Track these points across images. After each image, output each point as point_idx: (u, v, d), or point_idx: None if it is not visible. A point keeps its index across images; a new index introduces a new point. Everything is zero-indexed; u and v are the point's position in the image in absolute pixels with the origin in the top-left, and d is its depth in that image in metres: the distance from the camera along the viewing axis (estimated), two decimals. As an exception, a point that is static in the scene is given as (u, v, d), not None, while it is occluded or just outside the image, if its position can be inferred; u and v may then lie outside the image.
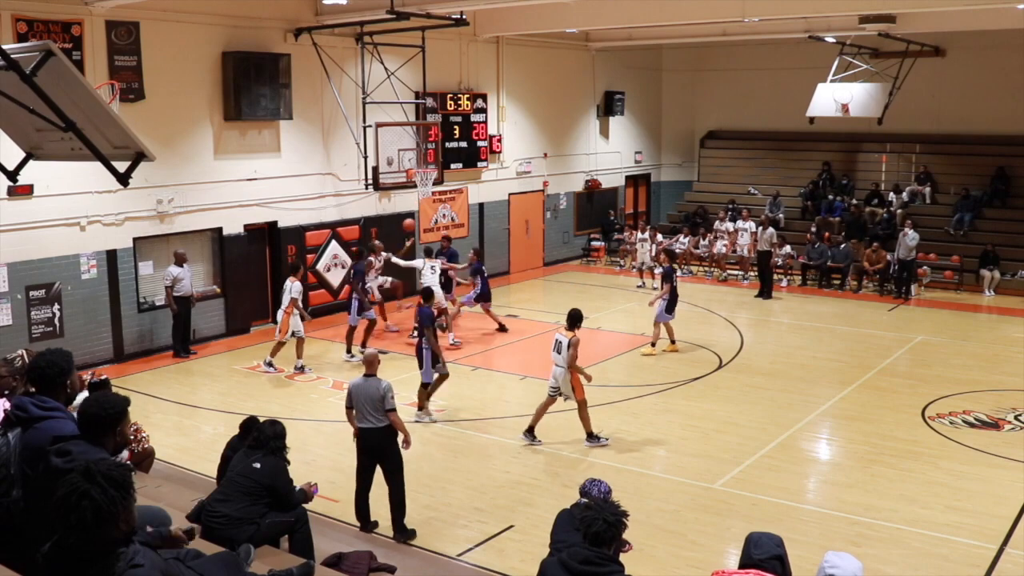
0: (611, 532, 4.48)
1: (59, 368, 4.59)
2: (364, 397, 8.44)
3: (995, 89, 22.20)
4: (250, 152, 16.38)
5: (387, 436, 8.43)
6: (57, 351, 4.73)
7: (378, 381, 8.48)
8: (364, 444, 8.54)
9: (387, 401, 8.36)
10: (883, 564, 7.88)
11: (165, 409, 12.44)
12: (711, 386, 13.40)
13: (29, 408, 4.43)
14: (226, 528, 6.45)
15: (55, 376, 4.57)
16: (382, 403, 8.35)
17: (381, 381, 8.49)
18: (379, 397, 8.35)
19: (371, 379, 8.54)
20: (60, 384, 4.57)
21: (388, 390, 8.39)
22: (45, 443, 4.25)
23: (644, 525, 8.34)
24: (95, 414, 4.28)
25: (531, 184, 22.97)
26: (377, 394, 8.37)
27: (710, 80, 26.89)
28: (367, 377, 8.60)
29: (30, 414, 4.41)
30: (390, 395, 8.39)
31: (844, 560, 4.19)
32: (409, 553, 8.14)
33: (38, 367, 4.57)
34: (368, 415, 8.40)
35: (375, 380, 8.51)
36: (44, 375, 4.55)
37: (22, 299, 13.45)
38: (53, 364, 4.60)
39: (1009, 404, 12.31)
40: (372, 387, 8.43)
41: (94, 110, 4.65)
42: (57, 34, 13.24)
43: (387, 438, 8.44)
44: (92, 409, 4.29)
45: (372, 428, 8.42)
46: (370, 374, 8.62)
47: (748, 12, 16.56)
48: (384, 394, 8.35)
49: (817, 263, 21.01)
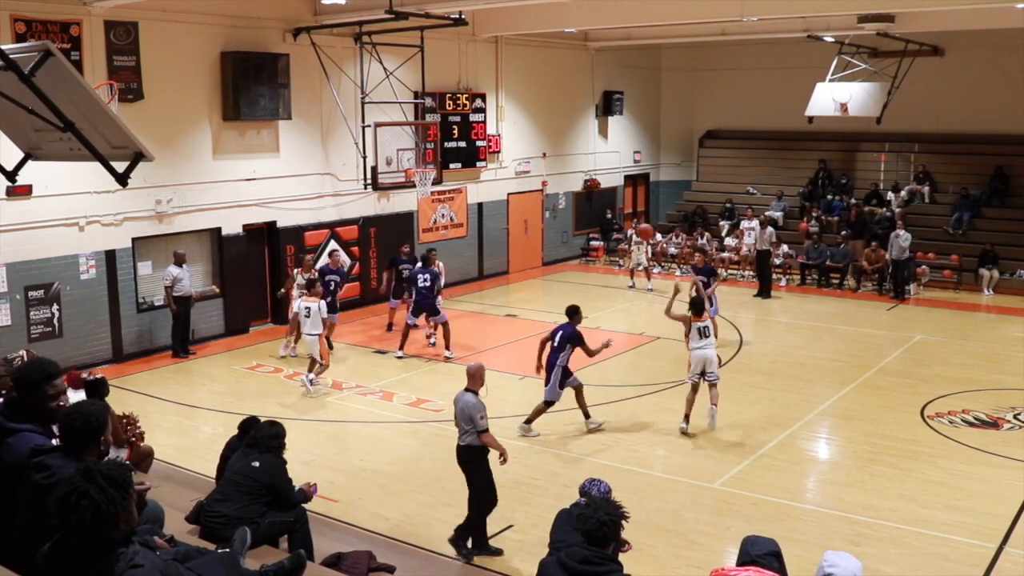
0: (605, 531, 4.47)
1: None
2: (458, 412, 8.15)
3: (994, 88, 22.20)
4: (249, 152, 16.37)
5: (473, 454, 8.09)
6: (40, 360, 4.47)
7: (472, 398, 8.11)
8: (457, 459, 8.27)
9: (476, 422, 7.99)
10: (882, 563, 7.88)
11: (164, 409, 12.43)
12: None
13: None
14: (225, 528, 6.43)
15: (30, 384, 4.35)
16: (471, 423, 8.03)
17: (474, 399, 8.11)
18: (467, 417, 8.03)
19: (467, 394, 8.16)
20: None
21: (477, 410, 8.01)
22: (17, 459, 4.18)
23: (643, 525, 8.34)
24: (80, 427, 4.13)
25: (530, 184, 22.96)
26: (465, 413, 8.05)
27: (709, 80, 26.89)
28: (466, 391, 8.22)
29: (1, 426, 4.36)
30: (478, 415, 7.99)
31: (843, 559, 4.19)
32: (408, 553, 8.14)
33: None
34: (460, 430, 8.14)
35: (471, 396, 8.14)
36: (20, 383, 4.38)
37: (21, 299, 13.45)
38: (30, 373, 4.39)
39: (1008, 403, 12.31)
40: (466, 403, 8.09)
41: (93, 110, 4.65)
42: (56, 34, 13.23)
43: (472, 456, 8.10)
44: (77, 422, 4.13)
45: (460, 445, 8.17)
46: (470, 389, 8.22)
47: (747, 12, 16.55)
48: (472, 414, 7.99)
49: (816, 262, 21.01)
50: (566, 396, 11.38)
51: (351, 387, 13.38)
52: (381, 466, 10.40)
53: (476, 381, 8.25)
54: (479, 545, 8.15)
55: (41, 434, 4.33)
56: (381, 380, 13.67)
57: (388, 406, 12.60)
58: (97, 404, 4.48)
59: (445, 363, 14.61)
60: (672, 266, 23.04)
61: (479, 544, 8.15)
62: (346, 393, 13.15)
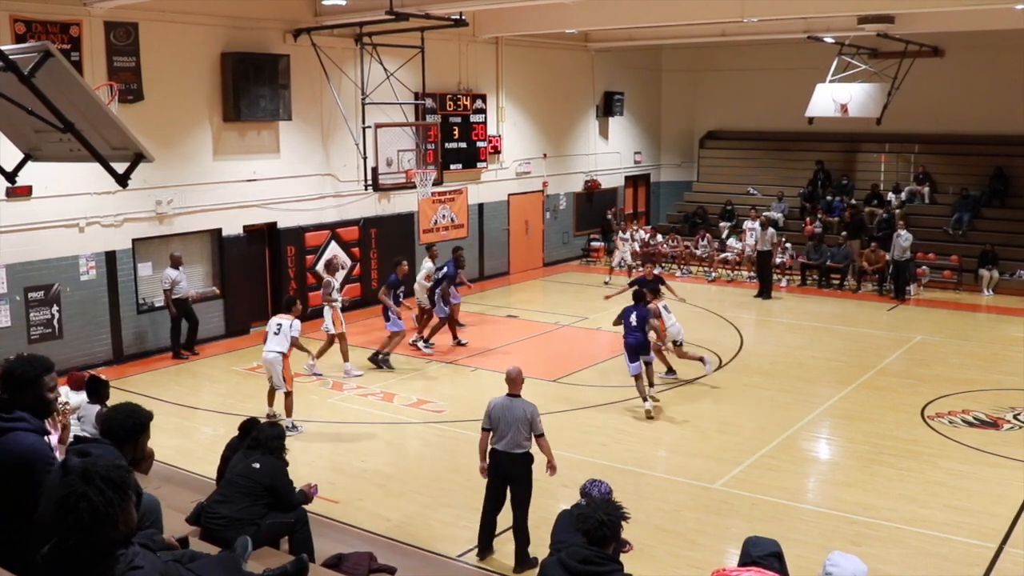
0: (605, 531, 4.47)
1: (28, 376, 4.37)
2: (511, 418, 7.80)
3: (994, 89, 22.20)
4: (249, 153, 16.38)
5: (527, 462, 7.89)
6: (33, 357, 4.55)
7: (524, 403, 7.90)
8: (500, 469, 7.92)
9: (535, 425, 7.81)
10: (882, 563, 7.87)
11: (164, 410, 12.40)
12: (711, 386, 13.40)
13: None
14: (226, 529, 6.43)
15: (26, 383, 4.38)
16: (530, 427, 7.80)
17: (528, 403, 7.92)
18: (527, 420, 7.80)
19: (516, 400, 7.91)
20: (30, 391, 4.36)
21: (536, 413, 7.86)
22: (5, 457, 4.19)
23: (644, 525, 8.33)
24: (120, 421, 4.31)
25: (531, 184, 22.97)
26: (525, 417, 7.80)
27: (709, 80, 26.89)
28: (511, 397, 7.94)
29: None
30: (538, 419, 7.86)
31: (847, 560, 4.19)
32: (409, 554, 8.14)
33: (9, 372, 4.40)
34: (513, 438, 7.80)
35: (521, 401, 7.90)
36: (16, 382, 4.40)
37: (21, 300, 13.45)
38: (25, 371, 4.42)
39: (1008, 403, 12.31)
40: (519, 409, 7.83)
41: (93, 111, 4.65)
42: (55, 35, 13.23)
43: (527, 464, 7.89)
44: (119, 416, 4.31)
45: (510, 454, 7.82)
46: (514, 394, 7.96)
47: (747, 12, 16.56)
48: (532, 418, 7.81)
49: (817, 263, 21.02)
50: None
51: (351, 388, 13.38)
52: (381, 467, 10.41)
53: (517, 385, 8.01)
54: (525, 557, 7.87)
55: (34, 431, 4.32)
56: (381, 381, 13.67)
57: (388, 407, 12.60)
58: (142, 407, 4.62)
59: (447, 365, 14.62)
60: (672, 266, 23.04)
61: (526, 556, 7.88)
62: (346, 394, 13.14)
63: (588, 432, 11.43)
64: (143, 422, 4.38)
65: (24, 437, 4.25)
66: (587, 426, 11.65)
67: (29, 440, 4.25)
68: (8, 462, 4.18)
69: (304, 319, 12.48)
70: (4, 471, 4.19)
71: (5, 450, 4.21)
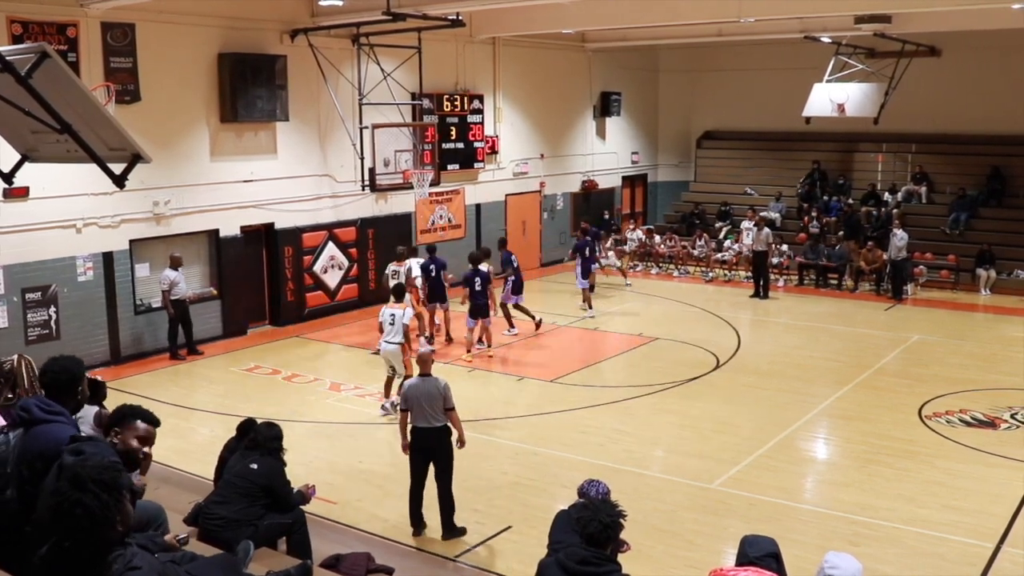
0: (607, 533, 4.47)
1: (71, 374, 4.69)
2: (423, 397, 8.41)
3: (991, 89, 22.23)
4: (246, 154, 16.37)
5: (444, 435, 8.47)
6: (70, 358, 4.86)
7: (435, 380, 8.50)
8: (419, 444, 8.50)
9: (447, 400, 8.40)
10: (880, 563, 7.88)
11: (162, 411, 12.25)
12: (708, 386, 13.40)
13: (33, 410, 4.48)
14: (224, 530, 6.43)
15: (67, 382, 4.68)
16: (442, 402, 8.39)
17: (439, 380, 8.51)
18: (439, 396, 8.39)
19: (428, 379, 8.53)
20: (71, 390, 4.68)
21: (447, 389, 8.45)
22: (43, 447, 4.26)
23: (641, 525, 8.34)
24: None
25: (528, 185, 22.97)
26: (437, 393, 8.40)
27: (706, 80, 26.91)
28: (423, 377, 8.57)
29: (33, 416, 4.44)
30: (449, 393, 8.45)
31: (844, 561, 4.19)
32: (407, 554, 8.14)
33: (51, 372, 4.70)
34: (427, 415, 8.39)
35: (432, 379, 8.52)
36: (56, 380, 4.68)
37: (18, 301, 13.43)
38: (65, 370, 4.71)
39: (1005, 403, 12.32)
40: (431, 386, 8.45)
41: (90, 112, 4.64)
42: (52, 36, 13.21)
43: (444, 438, 8.47)
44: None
45: (429, 428, 8.41)
46: (425, 373, 8.59)
47: (744, 12, 16.57)
48: (444, 393, 8.41)
49: (814, 263, 21.03)
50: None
51: (349, 388, 13.37)
52: (379, 467, 10.39)
53: (427, 366, 8.67)
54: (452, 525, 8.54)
55: (71, 425, 4.51)
56: (379, 381, 13.63)
57: (386, 407, 12.58)
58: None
59: (447, 365, 14.59)
60: (670, 266, 23.05)
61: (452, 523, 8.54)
62: (344, 394, 13.14)
63: (585, 432, 11.43)
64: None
65: (63, 430, 4.35)
66: (584, 426, 11.65)
67: (68, 432, 4.36)
68: (49, 453, 4.22)
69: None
70: (44, 461, 4.22)
71: (48, 439, 4.29)
